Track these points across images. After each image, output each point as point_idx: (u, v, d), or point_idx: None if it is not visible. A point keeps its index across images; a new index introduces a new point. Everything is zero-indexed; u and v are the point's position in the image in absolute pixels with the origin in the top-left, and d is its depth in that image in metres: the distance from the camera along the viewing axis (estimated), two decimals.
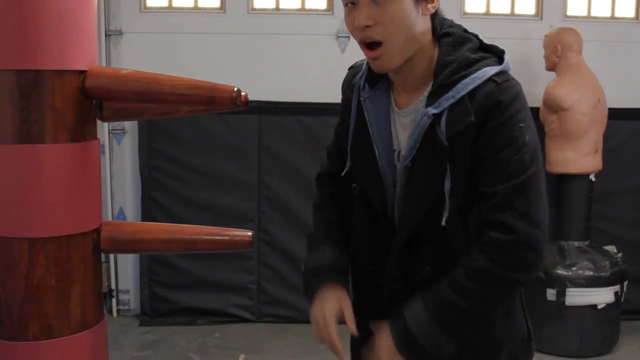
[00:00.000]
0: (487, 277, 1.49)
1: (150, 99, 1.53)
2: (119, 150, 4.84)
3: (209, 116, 4.45)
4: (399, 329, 1.54)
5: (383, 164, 1.62)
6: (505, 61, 1.56)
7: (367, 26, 1.47)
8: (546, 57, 4.38)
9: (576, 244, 4.31)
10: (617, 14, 4.95)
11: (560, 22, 4.70)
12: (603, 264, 4.19)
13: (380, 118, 1.63)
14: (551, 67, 4.37)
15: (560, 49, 4.26)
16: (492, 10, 4.89)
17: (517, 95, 1.51)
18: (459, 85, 1.49)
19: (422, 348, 1.52)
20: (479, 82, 1.49)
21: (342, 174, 1.73)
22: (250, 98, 1.75)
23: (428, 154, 1.53)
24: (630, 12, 4.95)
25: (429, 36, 1.55)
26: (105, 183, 4.75)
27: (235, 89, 1.47)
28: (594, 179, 4.34)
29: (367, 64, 1.63)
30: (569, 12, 4.88)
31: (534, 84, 4.69)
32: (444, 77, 1.51)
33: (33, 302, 1.46)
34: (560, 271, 4.18)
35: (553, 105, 4.23)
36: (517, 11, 4.90)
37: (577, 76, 4.23)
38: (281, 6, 4.80)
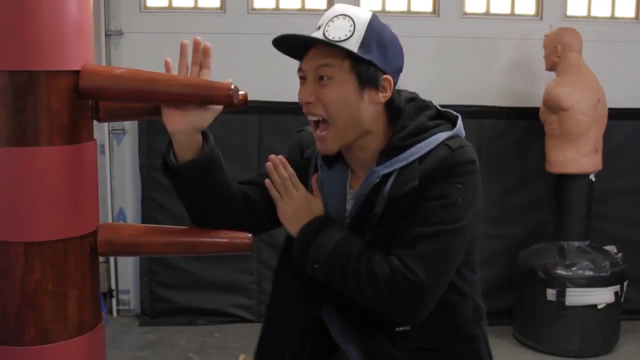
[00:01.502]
0: (376, 283, 1.48)
1: (146, 98, 1.51)
2: (119, 150, 4.84)
3: None
4: (318, 222, 1.58)
5: None
6: (457, 125, 1.58)
7: (309, 102, 1.54)
8: (546, 57, 4.37)
9: (576, 244, 4.30)
10: (617, 14, 4.95)
11: (560, 22, 4.69)
12: (603, 264, 4.19)
13: (336, 200, 1.65)
14: (551, 67, 4.36)
15: (560, 49, 4.26)
16: (492, 10, 4.88)
17: (470, 162, 1.52)
18: (412, 149, 1.52)
19: (309, 241, 1.56)
20: (432, 146, 1.52)
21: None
22: (250, 98, 1.74)
23: (363, 209, 1.56)
24: (630, 12, 4.95)
25: (382, 122, 1.59)
26: (105, 183, 4.75)
27: (232, 86, 1.46)
28: (594, 179, 4.34)
29: None
30: (569, 12, 4.88)
31: (534, 84, 4.69)
32: (399, 139, 1.54)
33: (29, 306, 1.45)
34: (560, 271, 4.17)
35: (553, 105, 4.22)
36: (517, 11, 4.90)
37: (577, 76, 4.22)
38: (281, 6, 4.79)
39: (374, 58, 1.52)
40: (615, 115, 4.48)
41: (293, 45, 1.56)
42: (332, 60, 1.52)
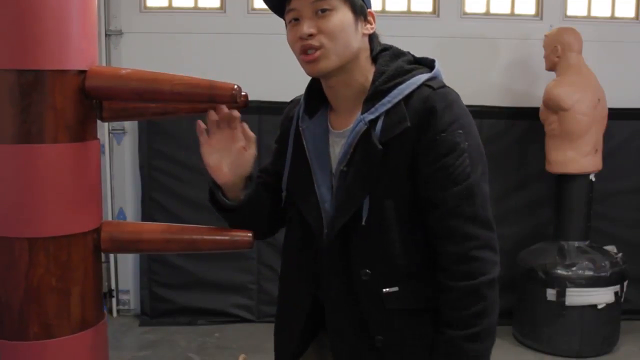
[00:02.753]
0: (470, 295, 1.54)
1: (150, 98, 1.53)
2: (119, 150, 4.84)
3: None
4: None
5: (321, 190, 1.65)
6: (435, 68, 1.61)
7: (310, 35, 1.55)
8: (546, 57, 4.38)
9: (576, 244, 4.31)
10: (617, 14, 4.96)
11: (560, 22, 4.70)
12: (603, 264, 4.19)
13: (318, 144, 1.67)
14: (551, 67, 4.37)
15: (560, 49, 4.26)
16: (492, 10, 4.90)
17: (454, 101, 1.55)
18: (395, 91, 1.55)
19: None
20: (414, 87, 1.55)
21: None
22: (250, 98, 1.76)
23: (361, 158, 1.56)
24: (630, 12, 4.96)
25: (365, 54, 1.62)
26: (105, 183, 4.76)
27: (235, 86, 1.48)
28: (594, 179, 4.34)
29: (305, 94, 1.72)
30: (569, 12, 4.89)
31: (534, 84, 4.70)
32: (380, 83, 1.56)
33: (33, 302, 1.46)
34: (560, 271, 4.18)
35: (553, 105, 4.23)
36: (517, 11, 4.91)
37: (577, 76, 4.23)
38: None
39: None
40: (615, 115, 4.49)
41: None
42: None
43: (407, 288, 1.59)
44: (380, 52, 1.64)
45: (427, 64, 1.64)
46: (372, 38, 1.64)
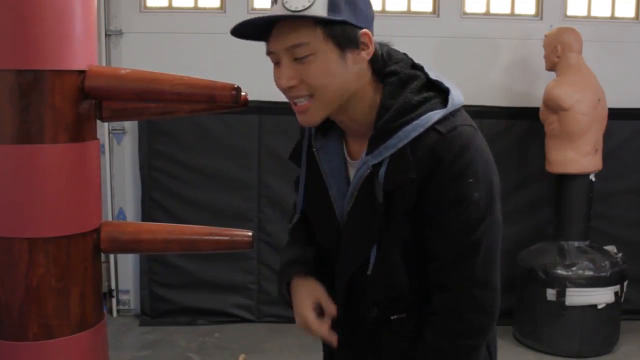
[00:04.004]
0: (441, 355, 1.44)
1: (150, 98, 1.53)
2: (119, 150, 4.84)
3: (209, 116, 4.45)
4: None
5: (339, 214, 1.54)
6: (450, 102, 1.41)
7: (292, 87, 1.39)
8: (546, 57, 4.38)
9: (576, 244, 4.31)
10: (617, 14, 4.95)
11: (560, 22, 4.70)
12: (603, 264, 4.19)
13: (335, 168, 1.54)
14: (551, 67, 4.37)
15: (560, 49, 4.26)
16: (492, 10, 4.89)
17: (466, 146, 1.38)
18: (400, 133, 1.38)
19: None
20: (421, 129, 1.37)
21: (293, 222, 1.69)
22: (250, 98, 1.75)
23: (364, 206, 1.44)
24: (630, 12, 4.95)
25: (367, 83, 1.43)
26: (105, 183, 4.76)
27: (235, 86, 1.48)
28: (594, 179, 4.34)
29: None
30: (569, 12, 4.88)
31: (534, 84, 4.70)
32: (384, 122, 1.39)
33: (33, 302, 1.46)
34: (560, 271, 4.18)
35: (553, 105, 4.23)
36: (517, 11, 4.90)
37: (577, 76, 4.23)
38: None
39: (346, 17, 1.34)
40: (615, 115, 4.49)
41: (255, 28, 1.42)
42: (302, 36, 1.35)
43: (414, 314, 1.53)
44: (388, 76, 1.43)
45: (442, 89, 1.44)
46: (375, 59, 1.43)
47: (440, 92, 1.43)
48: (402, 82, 1.42)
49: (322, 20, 1.33)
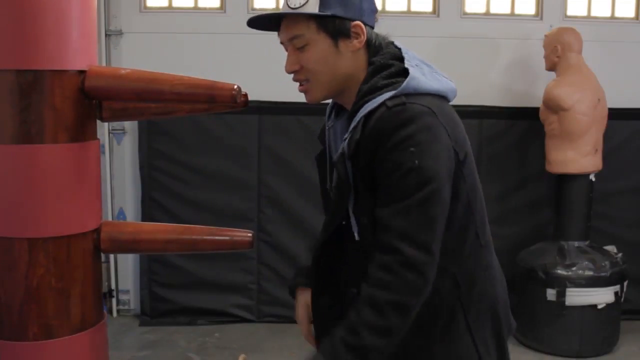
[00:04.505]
0: (372, 306, 1.47)
1: (150, 98, 1.53)
2: (119, 150, 4.84)
3: (209, 116, 4.45)
4: None
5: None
6: (404, 83, 1.54)
7: (294, 71, 1.63)
8: (546, 57, 4.38)
9: (576, 244, 4.31)
10: (617, 14, 4.95)
11: (560, 22, 4.70)
12: (603, 264, 4.19)
13: (338, 146, 1.67)
14: (551, 67, 4.37)
15: (560, 49, 4.26)
16: (492, 10, 4.89)
17: (410, 119, 1.49)
18: (361, 110, 1.55)
19: None
20: (373, 106, 1.53)
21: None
22: (250, 98, 1.75)
23: (340, 176, 1.59)
24: (630, 12, 4.96)
25: (359, 65, 1.63)
26: (105, 183, 4.76)
27: (236, 86, 1.48)
28: (594, 179, 4.34)
29: None
30: (569, 12, 4.88)
31: (534, 84, 4.70)
32: (354, 104, 1.59)
33: (33, 302, 1.46)
34: (560, 271, 4.18)
35: (553, 105, 4.23)
36: (517, 11, 4.90)
37: (577, 76, 4.23)
38: (281, 6, 4.79)
39: (335, 11, 1.57)
40: (615, 115, 4.49)
41: (268, 22, 1.66)
42: (299, 29, 1.59)
43: None
44: (369, 66, 1.63)
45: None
46: (369, 47, 1.63)
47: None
48: (374, 71, 1.61)
49: (313, 15, 1.57)
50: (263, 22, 1.64)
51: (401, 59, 1.61)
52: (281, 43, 1.66)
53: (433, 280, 1.50)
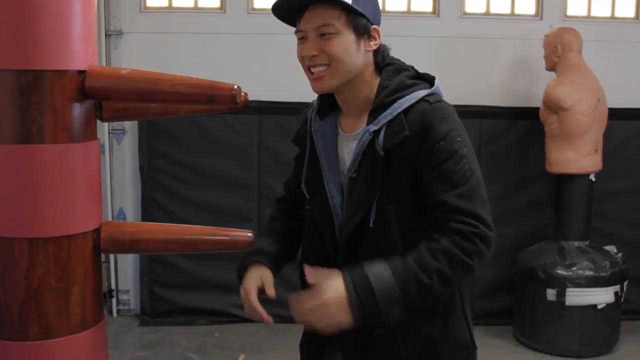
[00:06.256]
0: (449, 258, 1.56)
1: (150, 98, 1.53)
2: (119, 150, 4.85)
3: (209, 116, 4.46)
4: (359, 283, 1.55)
5: (330, 187, 1.77)
6: (435, 85, 1.73)
7: (314, 56, 1.67)
8: (546, 57, 4.38)
9: (576, 244, 4.31)
10: (617, 14, 4.95)
11: (560, 22, 4.70)
12: (603, 264, 4.19)
13: (328, 145, 1.80)
14: (551, 67, 4.37)
15: (560, 49, 4.26)
16: (492, 10, 4.89)
17: (449, 114, 1.66)
18: (395, 105, 1.67)
19: (377, 308, 1.53)
20: (413, 101, 1.66)
21: (274, 210, 2.03)
22: (250, 98, 1.76)
23: (368, 165, 1.68)
24: (630, 12, 4.96)
25: (370, 69, 1.74)
26: (105, 183, 4.76)
27: (235, 86, 1.47)
28: (594, 179, 4.34)
29: (318, 97, 1.84)
30: (569, 12, 4.88)
31: (534, 84, 4.70)
32: (383, 97, 1.69)
33: (33, 302, 1.46)
34: (560, 271, 4.18)
35: (553, 105, 4.23)
36: (517, 11, 4.91)
37: (577, 76, 4.23)
38: None
39: (365, 11, 1.68)
40: (615, 115, 4.49)
41: (290, 9, 1.70)
42: (330, 18, 1.65)
43: None
44: (385, 67, 1.74)
45: (428, 79, 1.75)
46: (377, 52, 1.74)
47: (427, 82, 1.75)
48: (396, 70, 1.74)
49: (347, 8, 1.65)
50: (291, 6, 1.68)
51: (405, 65, 1.78)
52: (298, 31, 1.71)
53: None
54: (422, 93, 1.69)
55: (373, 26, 1.71)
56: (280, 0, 1.69)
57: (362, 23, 1.68)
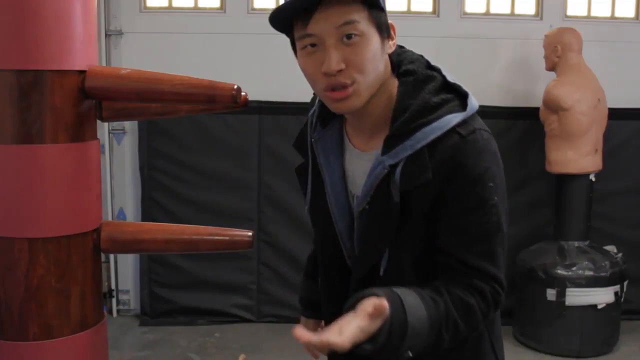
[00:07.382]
0: (469, 317, 1.37)
1: (150, 98, 1.53)
2: (119, 150, 4.85)
3: (209, 116, 4.46)
4: (396, 327, 1.27)
5: (334, 210, 1.50)
6: (469, 105, 1.38)
7: (340, 70, 1.31)
8: (546, 57, 4.38)
9: (576, 244, 4.31)
10: (617, 14, 4.95)
11: (560, 22, 4.70)
12: (603, 264, 4.19)
13: (331, 159, 1.51)
14: (551, 67, 4.37)
15: (560, 49, 4.26)
16: (492, 10, 4.89)
17: (484, 148, 1.37)
18: (418, 134, 1.34)
19: (402, 341, 1.28)
20: (440, 132, 1.34)
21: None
22: (250, 98, 1.75)
23: (380, 206, 1.40)
24: (630, 12, 4.96)
25: (388, 73, 1.41)
26: (105, 183, 4.75)
27: (235, 86, 1.47)
28: (594, 179, 4.34)
29: (319, 100, 1.51)
30: (569, 12, 4.88)
31: (534, 84, 4.70)
32: (402, 123, 1.36)
33: (33, 302, 1.46)
34: (560, 271, 4.18)
35: (553, 105, 4.23)
36: (517, 11, 4.90)
37: (577, 76, 4.23)
38: None
39: (383, 4, 1.37)
40: (615, 115, 4.49)
41: (294, 9, 1.32)
42: (353, 13, 1.30)
43: None
44: (404, 75, 1.42)
45: (459, 91, 1.41)
46: (393, 51, 1.43)
47: (457, 95, 1.40)
48: (418, 82, 1.40)
49: (370, 2, 1.32)
50: (295, 5, 1.30)
51: (435, 69, 1.45)
52: (308, 35, 1.33)
53: None
54: (452, 120, 1.34)
55: (390, 22, 1.38)
56: (285, 4, 1.31)
57: (384, 19, 1.35)
